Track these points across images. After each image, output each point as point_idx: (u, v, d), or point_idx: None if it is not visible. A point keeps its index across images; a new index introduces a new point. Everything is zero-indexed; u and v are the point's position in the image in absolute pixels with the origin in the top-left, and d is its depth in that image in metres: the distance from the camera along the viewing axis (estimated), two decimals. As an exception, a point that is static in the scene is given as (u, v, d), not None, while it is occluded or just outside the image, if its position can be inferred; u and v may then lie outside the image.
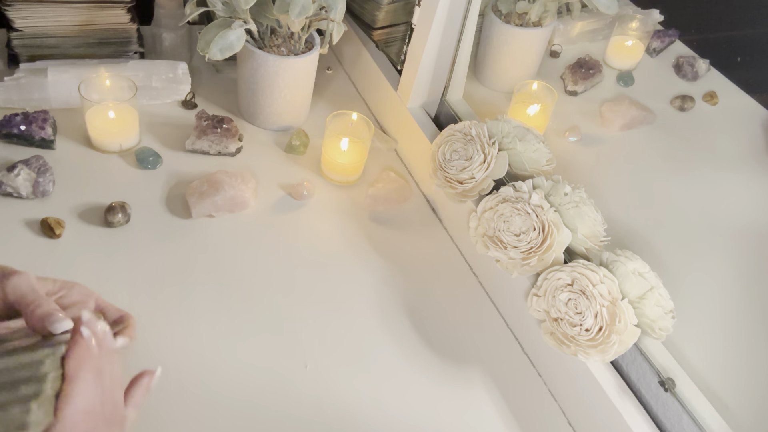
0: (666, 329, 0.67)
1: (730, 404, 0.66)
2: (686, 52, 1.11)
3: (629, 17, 1.09)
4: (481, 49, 1.06)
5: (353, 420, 0.69)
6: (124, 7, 0.98)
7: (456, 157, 0.83)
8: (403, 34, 1.07)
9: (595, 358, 0.68)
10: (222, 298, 0.77)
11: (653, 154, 1.00)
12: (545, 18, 1.01)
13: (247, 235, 0.85)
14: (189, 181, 0.88)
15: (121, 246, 0.79)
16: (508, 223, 0.75)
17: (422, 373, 0.75)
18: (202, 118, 0.92)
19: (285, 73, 0.93)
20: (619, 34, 1.10)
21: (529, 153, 0.81)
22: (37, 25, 0.95)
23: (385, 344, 0.77)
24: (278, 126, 1.00)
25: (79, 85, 0.86)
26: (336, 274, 0.83)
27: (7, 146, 0.87)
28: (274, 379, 0.71)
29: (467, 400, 0.74)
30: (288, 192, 0.92)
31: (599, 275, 0.68)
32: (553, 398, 0.76)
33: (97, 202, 0.83)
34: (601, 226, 0.75)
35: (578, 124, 1.01)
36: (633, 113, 1.01)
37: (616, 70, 1.11)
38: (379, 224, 0.90)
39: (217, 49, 0.85)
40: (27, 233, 0.78)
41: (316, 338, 0.75)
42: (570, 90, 1.07)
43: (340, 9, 0.89)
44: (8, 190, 0.80)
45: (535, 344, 0.78)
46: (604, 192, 0.89)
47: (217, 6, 0.86)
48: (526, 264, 0.73)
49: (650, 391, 0.67)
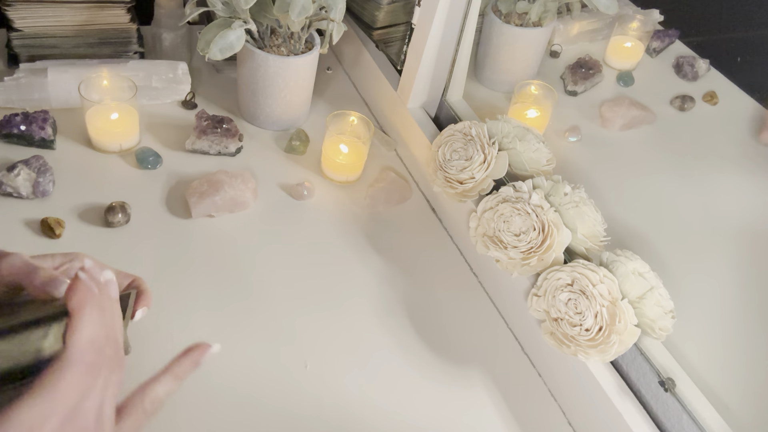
0: (666, 329, 0.67)
1: (730, 404, 0.66)
2: (686, 52, 1.11)
3: (629, 17, 1.09)
4: (481, 49, 1.06)
5: (353, 420, 0.69)
6: (124, 7, 0.98)
7: (456, 157, 0.83)
8: (403, 34, 1.07)
9: (595, 358, 0.68)
10: (222, 298, 0.77)
11: (653, 154, 1.00)
12: (545, 18, 1.01)
13: (247, 235, 0.85)
14: (189, 181, 0.88)
15: (121, 246, 0.79)
16: (508, 223, 0.75)
17: (422, 372, 0.75)
18: (202, 118, 0.92)
19: (285, 73, 0.93)
20: (619, 34, 1.10)
21: (529, 153, 0.81)
22: (37, 25, 0.95)
23: (384, 344, 0.77)
24: (278, 126, 1.00)
25: (79, 85, 0.86)
26: (336, 274, 0.83)
27: (7, 146, 0.87)
28: (274, 378, 0.71)
29: (467, 399, 0.74)
30: (288, 192, 0.92)
31: (599, 275, 0.68)
32: (553, 398, 0.76)
33: (97, 202, 0.83)
34: (601, 226, 0.75)
35: (578, 124, 1.01)
36: (633, 113, 1.01)
37: (616, 70, 1.11)
38: (379, 224, 0.90)
39: (217, 49, 0.85)
40: (27, 233, 0.78)
41: (316, 338, 0.75)
42: (570, 90, 1.07)
43: (340, 9, 0.89)
44: (8, 190, 0.80)
45: (535, 344, 0.78)
46: (604, 192, 0.89)
47: (217, 6, 0.86)
48: (526, 264, 0.74)
49: (650, 391, 0.67)
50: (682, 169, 0.97)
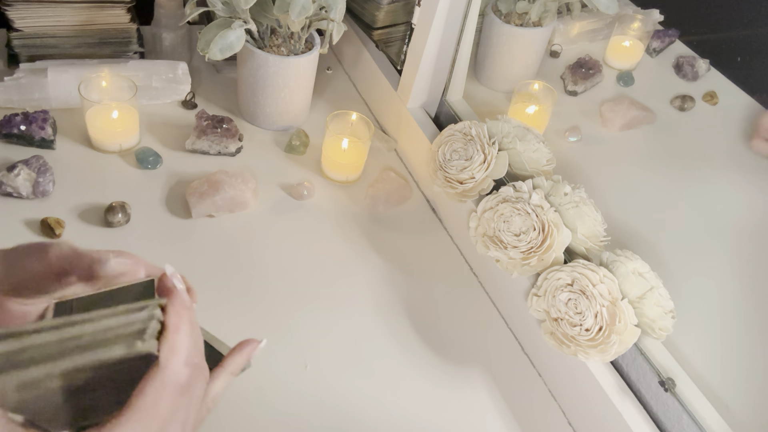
0: (666, 329, 0.67)
1: (730, 404, 0.66)
2: (686, 52, 1.11)
3: (629, 17, 1.09)
4: (481, 49, 1.06)
5: (353, 420, 0.69)
6: (124, 7, 0.98)
7: (456, 157, 0.83)
8: (403, 34, 1.07)
9: (595, 358, 0.68)
10: (222, 298, 0.77)
11: (653, 154, 1.00)
12: (545, 18, 1.01)
13: (247, 235, 0.85)
14: (189, 181, 0.88)
15: (121, 246, 0.79)
16: (508, 223, 0.75)
17: (422, 372, 0.75)
18: (202, 118, 0.92)
19: (285, 73, 0.93)
20: (619, 34, 1.10)
21: (529, 153, 0.81)
22: (37, 25, 0.95)
23: (384, 344, 0.77)
24: (278, 126, 1.00)
25: (79, 85, 0.86)
26: (336, 274, 0.83)
27: (7, 146, 0.87)
28: (274, 379, 0.71)
29: (467, 399, 0.74)
30: (288, 192, 0.92)
31: (599, 275, 0.68)
32: (553, 398, 0.76)
33: (97, 202, 0.83)
34: (601, 226, 0.75)
35: (578, 124, 1.01)
36: (633, 113, 1.01)
37: (616, 70, 1.11)
38: (379, 224, 0.90)
39: (217, 49, 0.85)
40: (27, 233, 0.78)
41: (316, 338, 0.75)
42: (570, 90, 1.07)
43: (340, 9, 0.89)
44: (8, 190, 0.80)
45: (535, 344, 0.78)
46: (604, 192, 0.89)
47: (217, 6, 0.86)
48: (526, 264, 0.73)
49: (650, 391, 0.67)
50: (682, 168, 0.97)
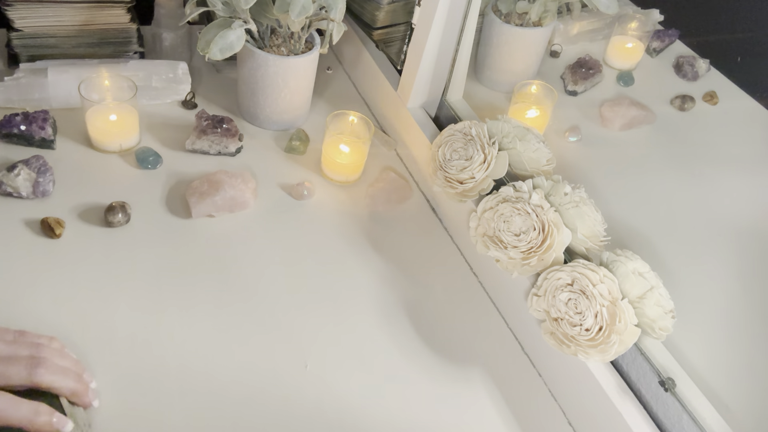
0: (666, 329, 0.67)
1: (730, 404, 0.66)
2: (686, 52, 1.11)
3: (629, 17, 1.09)
4: (481, 49, 1.06)
5: (353, 420, 0.69)
6: (124, 7, 0.98)
7: (456, 157, 0.83)
8: (403, 34, 1.07)
9: (595, 358, 0.68)
10: (222, 298, 0.77)
11: (653, 154, 1.00)
12: (545, 18, 1.01)
13: (247, 235, 0.85)
14: (189, 181, 0.88)
15: (121, 246, 0.79)
16: (508, 223, 0.75)
17: (422, 372, 0.75)
18: (202, 118, 0.92)
19: (285, 73, 0.93)
20: (619, 34, 1.10)
21: (529, 153, 0.81)
22: (37, 25, 0.95)
23: (384, 344, 0.77)
24: (278, 126, 1.00)
25: (79, 85, 0.86)
26: (336, 274, 0.83)
27: (7, 146, 0.87)
28: (274, 379, 0.71)
29: (467, 399, 0.74)
30: (288, 192, 0.92)
31: (599, 275, 0.68)
32: (553, 398, 0.76)
33: (97, 202, 0.83)
34: (601, 226, 0.75)
35: (578, 124, 1.01)
36: (633, 113, 1.01)
37: (616, 70, 1.11)
38: (379, 224, 0.90)
39: (217, 49, 0.85)
40: (27, 233, 0.78)
41: (316, 338, 0.75)
42: (570, 90, 1.07)
43: (340, 9, 0.89)
44: (8, 190, 0.80)
45: (535, 344, 0.78)
46: (604, 192, 0.89)
47: (217, 6, 0.86)
48: (526, 264, 0.74)
49: (650, 391, 0.67)
50: (682, 168, 0.97)
